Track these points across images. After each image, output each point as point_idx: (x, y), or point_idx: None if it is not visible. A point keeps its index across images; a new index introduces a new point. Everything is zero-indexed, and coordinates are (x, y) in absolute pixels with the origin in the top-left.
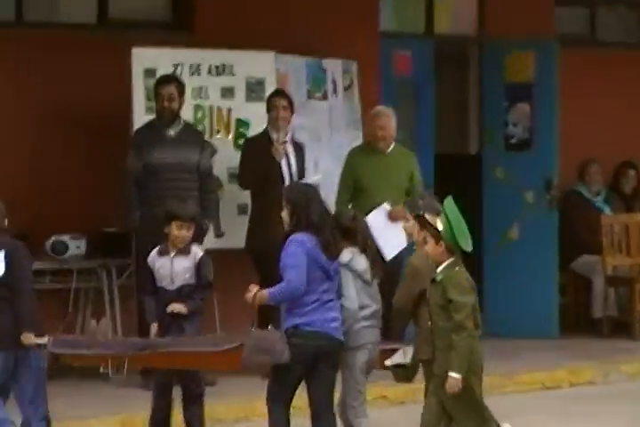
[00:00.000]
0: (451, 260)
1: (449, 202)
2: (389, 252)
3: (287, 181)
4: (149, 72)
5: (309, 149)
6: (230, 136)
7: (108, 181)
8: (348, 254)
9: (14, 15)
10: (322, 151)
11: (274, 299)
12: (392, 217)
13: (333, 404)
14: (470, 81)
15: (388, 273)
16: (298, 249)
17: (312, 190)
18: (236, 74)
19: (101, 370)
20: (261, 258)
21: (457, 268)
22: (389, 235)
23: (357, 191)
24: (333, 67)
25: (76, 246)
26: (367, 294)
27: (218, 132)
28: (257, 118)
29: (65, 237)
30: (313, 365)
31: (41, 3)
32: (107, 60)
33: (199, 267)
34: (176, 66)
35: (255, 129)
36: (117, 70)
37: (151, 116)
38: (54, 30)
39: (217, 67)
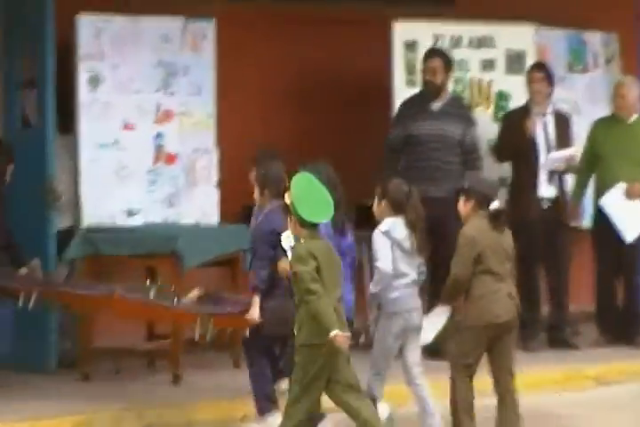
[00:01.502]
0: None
1: (297, 178)
2: (631, 234)
3: (542, 154)
4: (410, 45)
5: None
6: (490, 109)
7: (366, 153)
8: (387, 224)
9: None
10: (581, 124)
11: None
12: (630, 195)
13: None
14: None
15: None
16: None
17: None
18: (496, 46)
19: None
20: (517, 229)
21: (302, 240)
22: (629, 215)
23: (597, 162)
24: (593, 39)
25: None
26: (406, 262)
27: (478, 104)
28: (517, 91)
29: None
30: None
31: None
32: (368, 34)
33: None
34: (437, 39)
35: (515, 102)
36: (378, 44)
37: (412, 89)
38: (316, 5)
39: (478, 39)
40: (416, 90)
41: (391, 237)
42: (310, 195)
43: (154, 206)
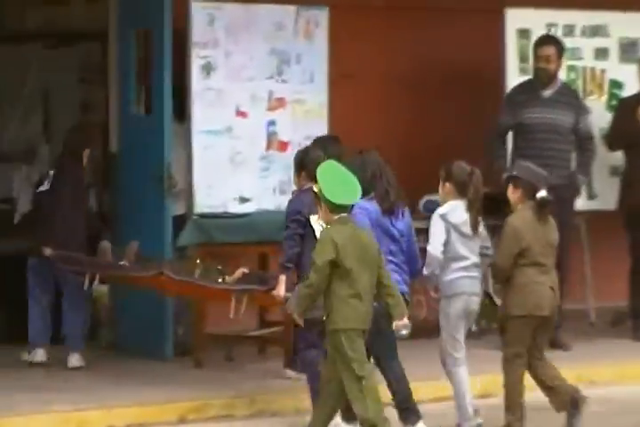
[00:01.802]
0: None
1: (323, 165)
2: None
3: None
4: (523, 33)
5: None
6: (603, 97)
7: (479, 140)
8: (446, 207)
9: None
10: None
11: None
12: None
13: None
14: None
15: None
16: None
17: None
18: (610, 35)
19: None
20: (633, 217)
21: (328, 226)
22: None
23: None
24: None
25: None
26: (465, 245)
27: (591, 93)
28: (631, 80)
29: (436, 197)
30: (375, 323)
31: None
32: (481, 22)
33: None
34: (550, 27)
35: (629, 90)
36: (490, 31)
37: (524, 77)
38: None
39: (591, 27)
40: (528, 78)
41: (448, 221)
42: (335, 179)
43: (266, 193)
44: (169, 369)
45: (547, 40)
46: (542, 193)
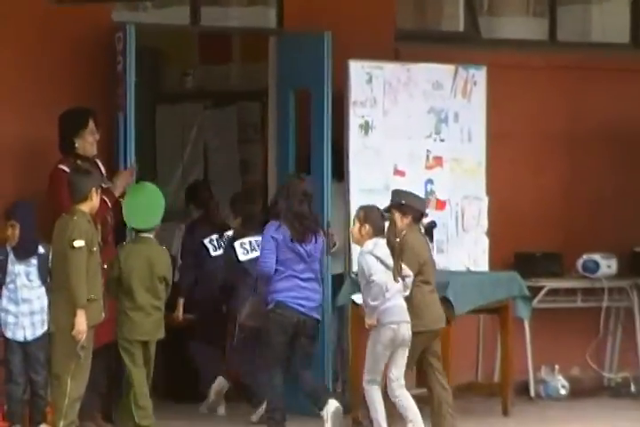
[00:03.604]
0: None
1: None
2: None
3: None
4: None
5: None
6: None
7: (634, 197)
8: (370, 244)
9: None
10: None
11: None
12: None
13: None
14: None
15: None
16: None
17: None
18: None
19: None
20: None
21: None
22: None
23: None
24: None
25: (607, 265)
26: (389, 276)
27: None
28: None
29: (596, 256)
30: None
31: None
32: (636, 81)
33: None
34: None
35: None
36: None
37: None
38: (586, 53)
39: None
40: None
41: (376, 256)
42: (139, 203)
43: None
44: None
45: None
46: (428, 219)
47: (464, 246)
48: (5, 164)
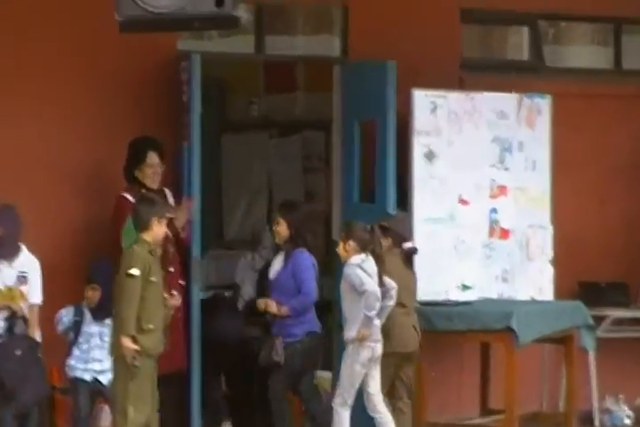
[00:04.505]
0: None
1: None
2: None
3: None
4: None
5: None
6: None
7: None
8: (357, 259)
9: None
10: None
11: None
12: None
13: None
14: None
15: None
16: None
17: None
18: None
19: None
20: None
21: None
22: None
23: None
24: None
25: None
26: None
27: None
28: None
29: None
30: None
31: None
32: None
33: None
34: None
35: None
36: None
37: None
38: None
39: None
40: None
41: (365, 270)
42: None
43: (488, 281)
44: None
45: None
46: (409, 244)
47: (529, 275)
48: (72, 192)
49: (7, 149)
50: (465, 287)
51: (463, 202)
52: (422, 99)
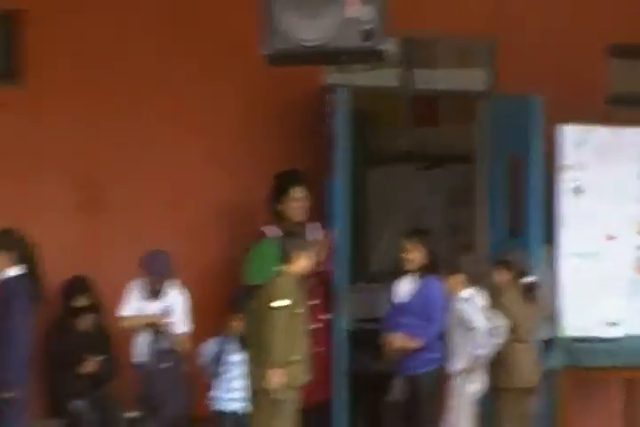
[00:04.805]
0: None
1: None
2: None
3: None
4: None
5: None
6: None
7: None
8: (466, 293)
9: None
10: None
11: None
12: None
13: None
14: None
15: None
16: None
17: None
18: None
19: None
20: None
21: None
22: None
23: None
24: None
25: None
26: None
27: None
28: None
29: None
30: None
31: None
32: None
33: None
34: None
35: None
36: None
37: None
38: None
39: None
40: None
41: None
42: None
43: (635, 317)
44: None
45: None
46: (530, 277)
47: None
48: (215, 226)
49: (158, 180)
50: (612, 323)
51: (609, 237)
52: (569, 134)
